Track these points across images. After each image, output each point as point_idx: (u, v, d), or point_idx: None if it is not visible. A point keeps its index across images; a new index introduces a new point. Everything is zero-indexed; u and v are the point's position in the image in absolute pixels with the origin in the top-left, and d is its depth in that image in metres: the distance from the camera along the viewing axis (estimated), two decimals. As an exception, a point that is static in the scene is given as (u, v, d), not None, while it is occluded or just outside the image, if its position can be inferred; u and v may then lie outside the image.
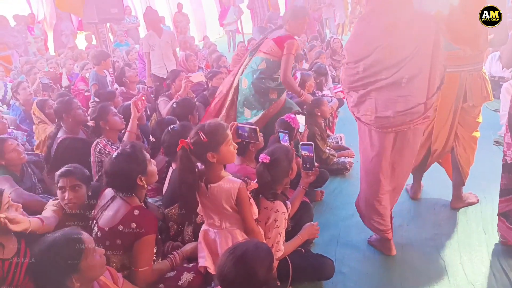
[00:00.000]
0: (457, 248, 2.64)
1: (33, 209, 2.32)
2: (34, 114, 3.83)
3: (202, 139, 1.85)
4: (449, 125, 2.83)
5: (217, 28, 14.58)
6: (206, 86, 5.14)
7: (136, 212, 1.94)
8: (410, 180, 3.28)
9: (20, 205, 1.99)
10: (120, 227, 1.92)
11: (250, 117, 3.57)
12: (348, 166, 3.85)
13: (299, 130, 3.08)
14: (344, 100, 5.26)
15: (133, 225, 1.91)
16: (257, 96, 3.54)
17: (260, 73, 3.51)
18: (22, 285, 1.86)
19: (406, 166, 2.48)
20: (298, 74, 4.48)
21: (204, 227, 2.10)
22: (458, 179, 2.99)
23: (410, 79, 2.21)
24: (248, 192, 1.97)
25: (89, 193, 2.32)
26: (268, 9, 10.78)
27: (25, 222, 1.87)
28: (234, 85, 3.69)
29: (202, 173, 1.96)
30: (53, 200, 2.33)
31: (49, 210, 2.22)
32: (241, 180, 1.94)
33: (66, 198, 2.22)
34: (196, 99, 4.43)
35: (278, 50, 3.42)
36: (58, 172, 2.28)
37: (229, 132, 1.95)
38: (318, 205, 3.29)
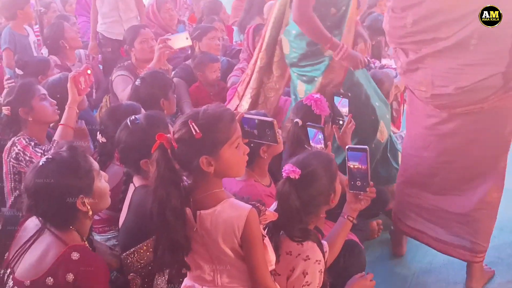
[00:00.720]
0: None
1: None
2: None
3: (194, 133, 1.81)
4: None
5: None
6: (189, 52, 5.17)
7: (75, 255, 1.95)
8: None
9: None
10: (49, 280, 1.92)
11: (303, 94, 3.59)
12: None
13: (341, 121, 3.08)
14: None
15: (70, 276, 1.91)
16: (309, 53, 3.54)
17: None
18: None
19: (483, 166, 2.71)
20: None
21: (186, 282, 2.08)
22: None
23: (481, 40, 2.41)
24: (261, 226, 1.95)
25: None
26: None
27: None
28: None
29: (188, 192, 1.93)
30: None
31: None
32: (250, 206, 1.89)
33: None
34: (174, 73, 4.46)
35: None
36: None
37: (237, 126, 1.93)
38: (373, 246, 3.27)
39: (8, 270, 2.06)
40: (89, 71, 3.22)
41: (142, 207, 2.39)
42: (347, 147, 2.37)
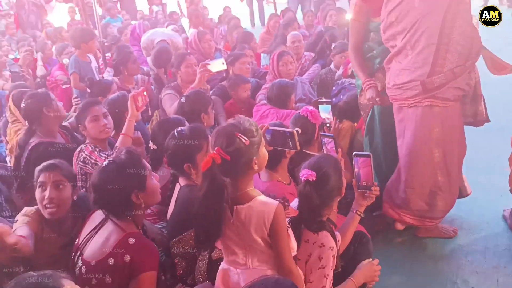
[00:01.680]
0: None
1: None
2: (10, 110, 3.98)
3: (244, 142, 1.84)
4: None
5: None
6: (225, 75, 5.19)
7: (132, 240, 1.98)
8: (509, 202, 3.20)
9: None
10: (111, 261, 1.95)
11: None
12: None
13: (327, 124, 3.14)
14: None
15: (127, 257, 1.94)
16: None
17: None
18: None
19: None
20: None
21: (223, 265, 2.08)
22: None
23: (412, 50, 2.75)
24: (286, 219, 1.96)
25: (74, 198, 2.42)
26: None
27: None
28: None
29: (227, 192, 1.93)
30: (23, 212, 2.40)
31: (21, 224, 2.29)
32: (278, 202, 1.90)
33: (46, 196, 2.29)
34: (211, 92, 4.48)
35: None
36: (38, 167, 2.38)
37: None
38: (379, 236, 3.25)
39: (78, 253, 2.10)
40: (145, 93, 3.25)
41: (187, 203, 2.41)
42: (354, 153, 2.37)
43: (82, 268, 2.03)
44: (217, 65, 4.20)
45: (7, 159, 3.96)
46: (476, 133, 3.25)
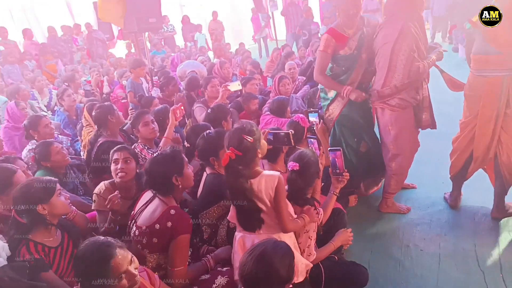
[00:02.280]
0: (498, 259, 2.52)
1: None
2: (84, 117, 4.02)
3: (250, 141, 1.88)
4: (491, 131, 2.74)
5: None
6: (239, 93, 5.19)
7: (172, 211, 1.99)
8: (449, 187, 3.18)
9: (68, 196, 2.19)
10: (157, 226, 1.97)
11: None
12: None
13: (313, 128, 3.10)
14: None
15: (169, 224, 1.95)
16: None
17: None
18: (66, 274, 1.99)
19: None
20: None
21: (239, 234, 2.07)
22: (501, 187, 2.87)
23: (380, 59, 2.85)
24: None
25: (137, 171, 2.55)
26: (302, 16, 10.77)
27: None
28: None
29: (242, 173, 1.94)
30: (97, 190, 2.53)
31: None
32: (279, 173, 1.96)
33: (119, 167, 2.47)
34: (230, 105, 4.48)
35: None
36: (113, 149, 2.55)
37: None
38: (352, 211, 3.23)
39: (133, 221, 2.12)
40: (182, 107, 3.27)
41: (211, 186, 2.45)
42: (328, 148, 2.39)
43: (136, 232, 2.04)
44: (235, 86, 4.21)
45: (81, 153, 3.99)
46: (427, 136, 3.25)
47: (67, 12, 13.24)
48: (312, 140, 2.70)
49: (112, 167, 2.53)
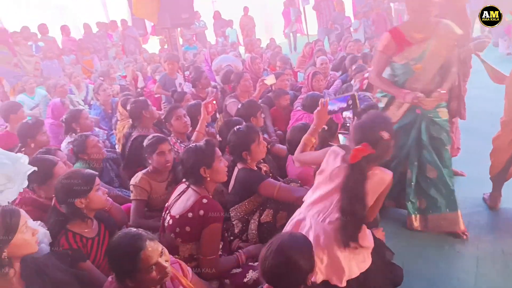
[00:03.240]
0: (542, 264, 2.40)
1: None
2: (119, 111, 4.13)
3: (387, 138, 1.72)
4: None
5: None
6: (271, 88, 5.18)
7: (205, 201, 2.05)
8: (488, 188, 3.06)
9: (107, 191, 2.25)
10: (190, 214, 2.02)
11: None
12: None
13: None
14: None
15: (201, 212, 2.00)
16: None
17: None
18: (103, 264, 2.05)
19: None
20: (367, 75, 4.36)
21: (299, 216, 1.96)
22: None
23: None
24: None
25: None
26: (334, 10, 10.60)
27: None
28: None
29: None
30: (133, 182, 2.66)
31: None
32: (391, 173, 1.82)
33: (167, 159, 2.64)
34: (261, 100, 4.48)
35: None
36: (154, 141, 2.67)
37: None
38: (384, 210, 3.15)
39: (167, 211, 2.18)
40: (214, 102, 3.29)
41: (243, 181, 2.46)
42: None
43: (170, 221, 2.10)
44: (271, 80, 4.22)
45: (116, 146, 4.09)
46: (466, 135, 3.13)
47: (102, 9, 13.63)
48: (345, 136, 2.66)
49: (157, 158, 2.63)
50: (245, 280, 1.99)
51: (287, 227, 1.99)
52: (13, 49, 7.16)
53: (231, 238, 2.45)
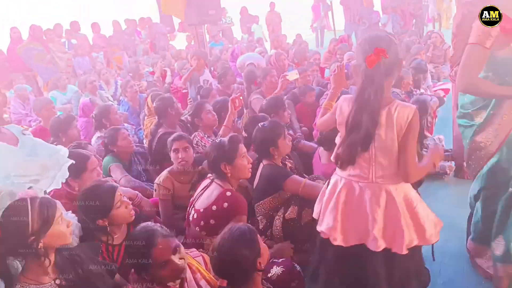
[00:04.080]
0: None
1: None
2: (147, 106, 4.20)
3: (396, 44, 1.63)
4: None
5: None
6: (295, 84, 5.15)
7: (228, 193, 2.10)
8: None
9: (130, 203, 2.12)
10: (214, 207, 2.06)
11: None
12: (448, 171, 3.58)
13: None
14: (445, 99, 4.90)
15: (225, 205, 2.05)
16: None
17: None
18: None
19: None
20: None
21: (343, 180, 1.73)
22: None
23: None
24: None
25: (194, 156, 2.73)
26: (361, 5, 10.41)
27: None
28: None
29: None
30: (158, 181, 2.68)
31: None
32: (415, 106, 1.64)
33: (180, 157, 2.60)
34: (286, 96, 4.46)
35: None
36: (170, 138, 2.68)
37: None
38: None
39: (192, 206, 2.23)
40: (241, 97, 3.30)
41: (268, 177, 2.46)
42: None
43: (194, 215, 2.14)
44: (293, 75, 4.19)
45: (144, 141, 4.16)
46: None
47: (130, 6, 13.89)
48: None
49: (172, 155, 2.65)
50: (269, 275, 2.00)
51: (325, 192, 1.84)
52: (47, 46, 7.37)
53: (256, 234, 2.46)
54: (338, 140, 1.77)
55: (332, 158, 1.77)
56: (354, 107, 1.62)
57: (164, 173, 2.70)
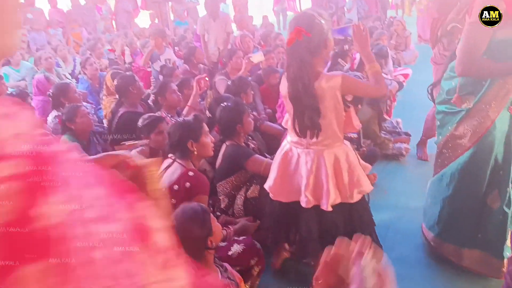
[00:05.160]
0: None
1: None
2: (106, 85, 4.05)
3: (322, 24, 1.71)
4: None
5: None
6: (260, 66, 5.13)
7: (191, 173, 2.09)
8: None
9: None
10: (175, 187, 2.05)
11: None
12: (404, 152, 3.71)
13: None
14: (404, 83, 5.05)
15: (188, 184, 2.04)
16: None
17: None
18: None
19: None
20: (358, 55, 4.34)
21: (285, 148, 1.98)
22: None
23: None
24: None
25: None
26: (329, -12, 10.44)
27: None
28: None
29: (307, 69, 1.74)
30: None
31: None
32: (341, 73, 1.80)
33: (163, 139, 2.52)
34: (251, 78, 4.45)
35: None
36: (153, 120, 2.63)
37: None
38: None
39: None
40: (207, 78, 3.25)
41: (231, 156, 2.48)
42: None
43: (155, 194, 2.11)
44: (258, 57, 4.19)
45: (104, 121, 4.04)
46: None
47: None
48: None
49: (156, 137, 2.57)
50: (230, 253, 2.02)
51: (276, 159, 2.04)
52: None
53: (218, 213, 2.47)
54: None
55: (283, 123, 2.03)
56: (288, 83, 1.80)
57: (133, 153, 2.62)
